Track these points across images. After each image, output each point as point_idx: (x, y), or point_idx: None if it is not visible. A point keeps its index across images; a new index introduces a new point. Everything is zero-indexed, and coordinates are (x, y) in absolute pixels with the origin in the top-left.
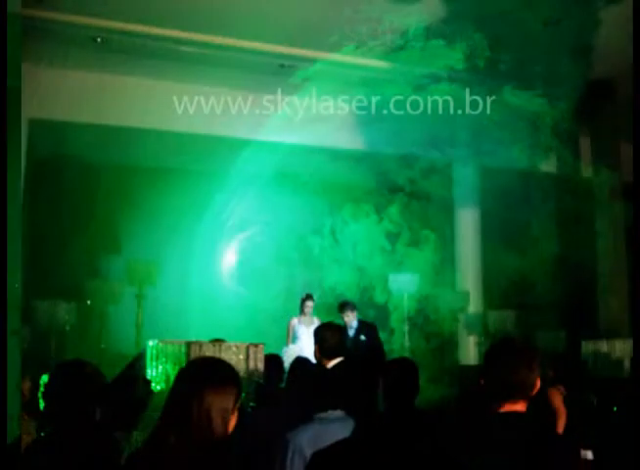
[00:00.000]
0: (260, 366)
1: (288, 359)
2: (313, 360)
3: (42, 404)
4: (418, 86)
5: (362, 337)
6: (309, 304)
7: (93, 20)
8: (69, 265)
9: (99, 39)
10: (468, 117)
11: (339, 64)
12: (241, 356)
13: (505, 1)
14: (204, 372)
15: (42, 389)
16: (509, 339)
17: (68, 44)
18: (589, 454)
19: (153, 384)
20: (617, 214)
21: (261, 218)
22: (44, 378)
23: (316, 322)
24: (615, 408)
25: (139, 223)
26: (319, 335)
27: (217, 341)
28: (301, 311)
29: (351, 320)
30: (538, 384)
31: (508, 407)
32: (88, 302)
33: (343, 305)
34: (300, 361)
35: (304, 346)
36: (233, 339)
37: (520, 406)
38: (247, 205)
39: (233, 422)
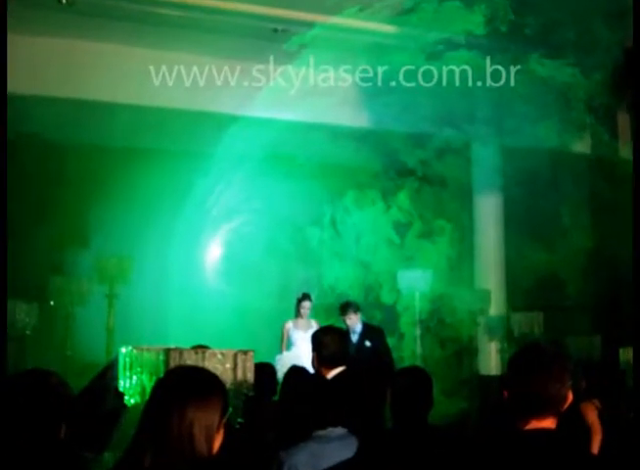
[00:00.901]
0: (250, 376)
1: (282, 369)
2: (311, 370)
3: None
4: (431, 54)
5: (367, 343)
6: (306, 304)
7: None
8: (30, 260)
9: (64, 0)
10: (489, 90)
11: (340, 28)
12: (227, 365)
13: None
14: (184, 383)
15: None
16: (536, 345)
17: (30, 6)
18: None
19: (126, 397)
20: None
21: (251, 206)
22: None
23: (314, 326)
24: None
25: (110, 212)
26: (318, 341)
27: (200, 347)
28: (297, 313)
29: (354, 323)
30: (570, 397)
31: (535, 424)
32: (51, 302)
33: (346, 307)
34: (296, 371)
35: (301, 353)
36: (218, 345)
37: (549, 423)
38: (234, 190)
39: (218, 441)
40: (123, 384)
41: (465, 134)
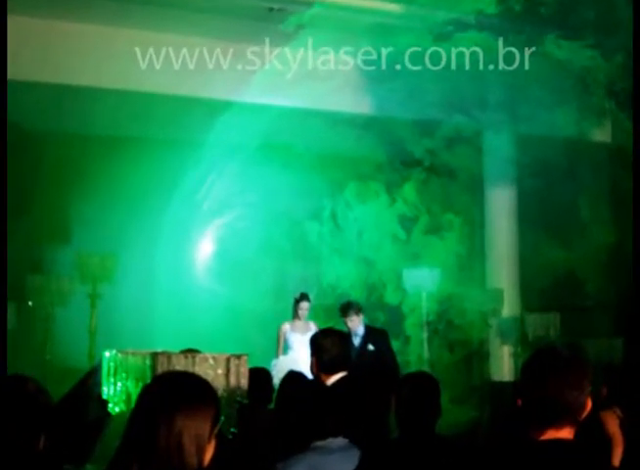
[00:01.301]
0: (244, 383)
1: (278, 374)
2: (309, 376)
3: None
4: (439, 35)
5: (370, 346)
6: (304, 305)
7: None
8: (7, 258)
9: None
10: (501, 74)
11: (341, 7)
12: (219, 371)
13: None
14: (173, 390)
15: None
16: (552, 349)
17: None
18: None
19: (110, 405)
20: None
21: (245, 200)
22: None
23: (313, 328)
24: None
25: (93, 206)
26: (317, 344)
27: (190, 351)
28: (295, 315)
29: (356, 326)
30: (589, 405)
31: (552, 434)
32: (29, 302)
33: (347, 307)
34: (294, 377)
35: (298, 357)
36: (210, 349)
37: (566, 433)
38: (227, 182)
39: (209, 452)
40: (107, 391)
41: (476, 121)
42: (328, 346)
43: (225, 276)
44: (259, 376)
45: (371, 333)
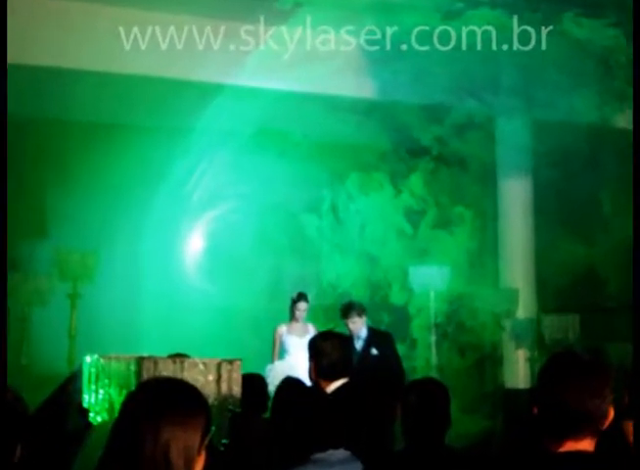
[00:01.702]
0: (236, 390)
1: (274, 381)
2: (307, 382)
3: None
4: (449, 13)
5: (373, 350)
6: (302, 306)
7: None
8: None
9: None
10: (516, 55)
11: None
12: (210, 377)
13: None
14: (160, 398)
15: None
16: (571, 353)
17: None
18: None
19: (91, 414)
20: None
21: (238, 191)
22: None
23: (311, 331)
24: None
25: (73, 198)
26: (316, 348)
27: (178, 356)
28: (292, 316)
29: (359, 328)
30: (611, 414)
31: (570, 446)
32: None
33: (348, 308)
34: (290, 384)
35: (296, 362)
36: (200, 354)
37: (586, 444)
38: (218, 172)
39: (199, 465)
40: (88, 399)
41: (488, 106)
42: (328, 350)
43: (217, 274)
44: (253, 383)
45: (374, 336)
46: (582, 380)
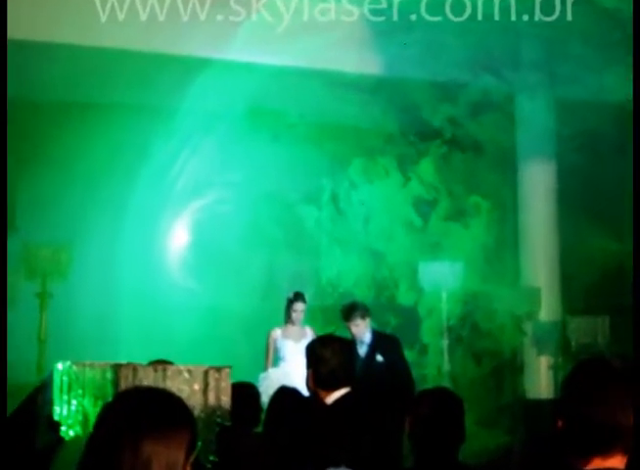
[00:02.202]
0: (225, 401)
1: (267, 391)
2: (305, 392)
3: None
4: None
5: (378, 357)
6: (299, 307)
7: None
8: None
9: None
10: (538, 26)
11: None
12: (196, 386)
13: None
14: (140, 410)
15: None
16: (600, 360)
17: None
18: None
19: (63, 428)
20: None
21: (227, 179)
22: None
23: (309, 335)
24: None
25: (43, 186)
26: (314, 354)
27: (161, 363)
28: (288, 318)
29: (362, 332)
30: None
31: (598, 463)
32: None
33: (351, 310)
34: (286, 394)
35: (292, 370)
36: (184, 360)
37: (616, 462)
38: (205, 158)
39: None
40: (59, 411)
41: (507, 84)
42: (327, 356)
43: (203, 271)
44: (244, 393)
45: (380, 340)
46: (613, 390)
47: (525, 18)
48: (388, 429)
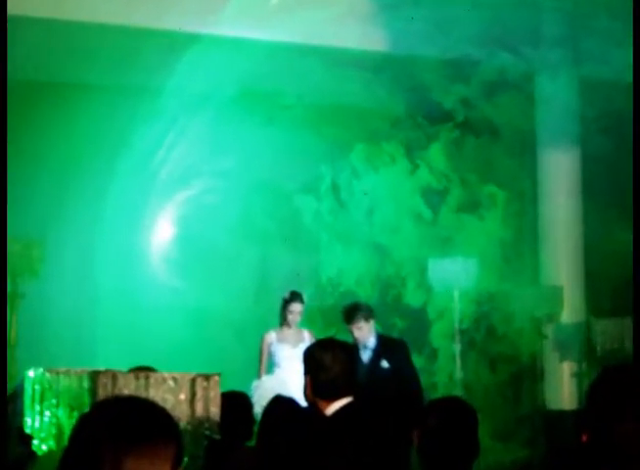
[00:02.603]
0: (215, 412)
1: (260, 400)
2: (302, 402)
3: None
4: None
5: (384, 363)
6: (296, 308)
7: None
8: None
9: None
10: None
11: None
12: (182, 396)
13: None
14: (120, 421)
15: None
16: (628, 367)
17: None
18: None
19: (35, 441)
20: None
21: (216, 166)
22: None
23: (307, 339)
24: None
25: (13, 175)
26: (313, 360)
27: (143, 370)
28: (283, 321)
29: (366, 335)
30: None
31: None
32: None
33: (353, 311)
34: (281, 404)
35: (288, 377)
36: (169, 367)
37: None
38: (192, 143)
39: None
40: (31, 423)
41: (526, 61)
42: (327, 362)
43: (190, 269)
44: (236, 403)
45: (385, 345)
46: None
47: None
48: (393, 443)
